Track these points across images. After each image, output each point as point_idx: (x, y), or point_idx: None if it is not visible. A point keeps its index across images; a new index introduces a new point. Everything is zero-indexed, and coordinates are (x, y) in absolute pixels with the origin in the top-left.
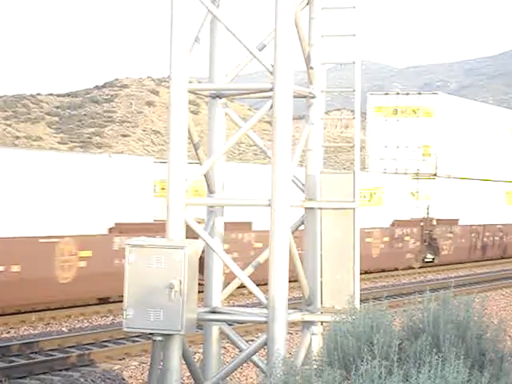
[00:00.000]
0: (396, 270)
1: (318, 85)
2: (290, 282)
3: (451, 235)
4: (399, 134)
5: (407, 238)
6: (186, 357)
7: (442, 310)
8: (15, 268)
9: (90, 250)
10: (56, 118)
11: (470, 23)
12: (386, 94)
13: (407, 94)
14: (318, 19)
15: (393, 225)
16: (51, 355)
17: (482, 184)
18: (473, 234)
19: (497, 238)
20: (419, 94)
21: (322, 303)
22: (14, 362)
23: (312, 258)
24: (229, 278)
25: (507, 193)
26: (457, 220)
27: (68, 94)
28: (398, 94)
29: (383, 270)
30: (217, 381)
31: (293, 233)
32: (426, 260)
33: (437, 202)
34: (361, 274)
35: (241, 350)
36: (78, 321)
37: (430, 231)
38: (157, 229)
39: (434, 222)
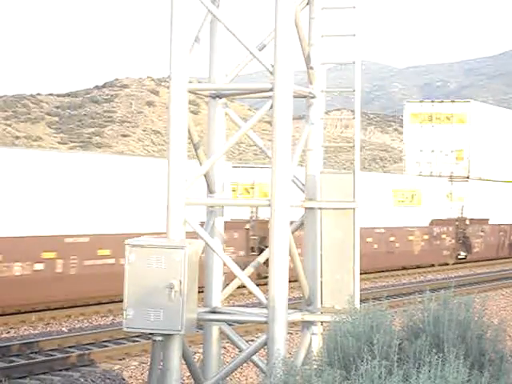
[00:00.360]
0: (432, 266)
1: (318, 85)
2: (289, 281)
3: (482, 234)
4: (434, 139)
5: (444, 236)
6: (185, 357)
7: (442, 310)
8: (123, 261)
9: None
10: (56, 118)
11: (469, 23)
12: (421, 101)
13: (441, 101)
14: (317, 19)
15: (431, 224)
16: (51, 355)
17: (511, 186)
18: (501, 233)
19: None
20: (453, 101)
21: (322, 303)
22: (14, 361)
23: (312, 258)
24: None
25: None
26: (487, 220)
27: (68, 94)
28: (432, 102)
29: (418, 267)
30: (217, 381)
31: (293, 233)
32: (459, 257)
33: (469, 202)
34: (402, 269)
35: (241, 350)
36: (78, 321)
37: (464, 230)
38: (235, 226)
39: (467, 222)
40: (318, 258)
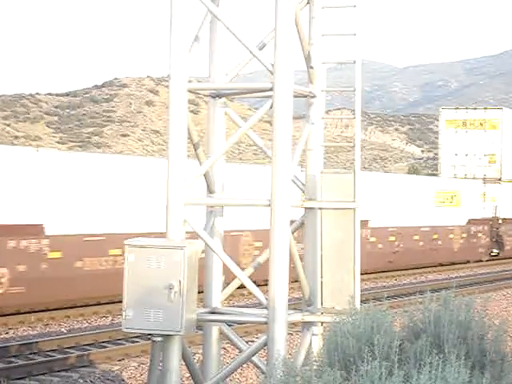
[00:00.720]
0: (468, 262)
1: (319, 84)
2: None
3: None
4: (468, 143)
5: (480, 235)
6: (185, 357)
7: (442, 310)
8: None
9: (262, 241)
10: (55, 118)
11: (470, 22)
12: (457, 108)
13: (475, 108)
14: (318, 18)
15: (468, 223)
16: (50, 356)
17: None
18: None
19: None
20: (485, 108)
21: (322, 304)
22: (13, 362)
23: (312, 259)
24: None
25: None
26: None
27: (67, 94)
28: (467, 108)
29: (453, 263)
30: (216, 382)
31: (293, 233)
32: (491, 254)
33: (501, 203)
34: (444, 265)
35: (241, 351)
36: (77, 321)
37: (497, 229)
38: None
39: (500, 221)
40: (318, 259)
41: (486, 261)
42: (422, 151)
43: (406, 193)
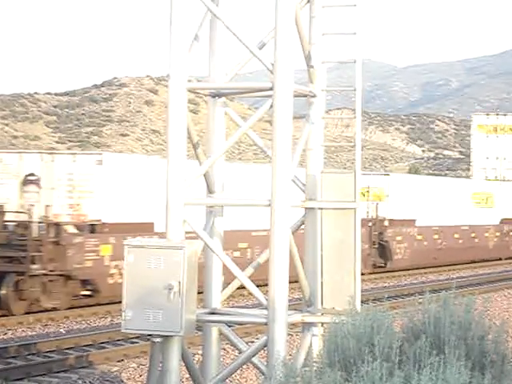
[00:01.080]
0: (500, 259)
1: (319, 84)
2: (289, 282)
3: None
4: (498, 147)
5: (511, 234)
6: (185, 358)
7: (442, 311)
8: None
9: None
10: (54, 117)
11: (471, 22)
12: (488, 114)
13: (505, 114)
14: (318, 17)
15: (502, 222)
16: (49, 357)
17: None
18: None
19: None
20: None
21: (322, 304)
22: (11, 363)
23: (312, 259)
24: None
25: None
26: None
27: (66, 93)
28: (497, 114)
29: (486, 260)
30: (216, 382)
31: (293, 233)
32: None
33: None
34: (478, 261)
35: (240, 352)
36: (76, 322)
37: None
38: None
39: None
40: (318, 259)
41: None
42: (423, 151)
43: (447, 194)
